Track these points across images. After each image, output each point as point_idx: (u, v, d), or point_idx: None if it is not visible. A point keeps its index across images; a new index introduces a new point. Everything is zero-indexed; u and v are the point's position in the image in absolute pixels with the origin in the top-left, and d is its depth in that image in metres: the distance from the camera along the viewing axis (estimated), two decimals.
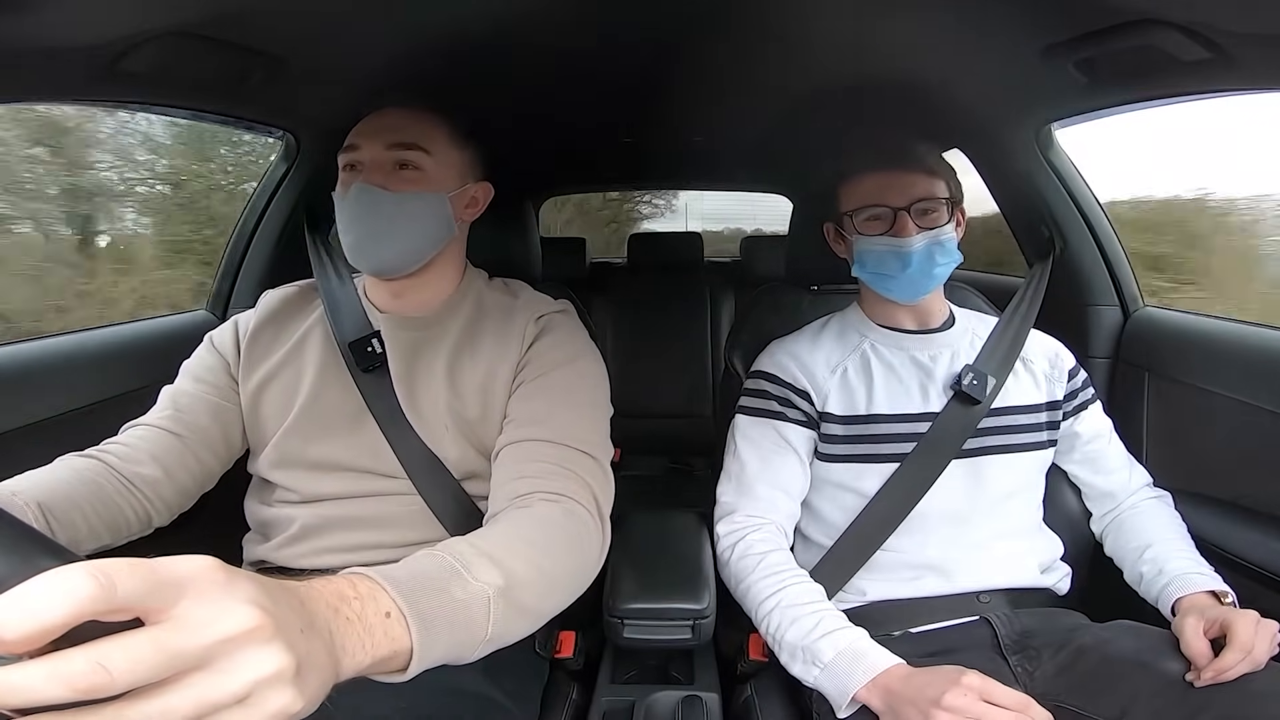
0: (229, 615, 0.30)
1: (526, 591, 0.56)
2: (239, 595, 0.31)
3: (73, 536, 0.68)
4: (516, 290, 0.94)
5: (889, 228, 0.91)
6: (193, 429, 0.83)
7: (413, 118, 0.83)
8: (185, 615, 0.29)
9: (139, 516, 0.77)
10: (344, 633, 0.39)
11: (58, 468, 0.74)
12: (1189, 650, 0.72)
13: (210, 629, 0.29)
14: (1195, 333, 1.14)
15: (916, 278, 0.91)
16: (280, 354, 0.87)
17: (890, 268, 0.92)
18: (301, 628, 0.34)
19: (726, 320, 2.21)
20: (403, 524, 0.81)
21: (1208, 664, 0.70)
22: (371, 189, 0.80)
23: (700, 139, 1.72)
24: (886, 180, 0.91)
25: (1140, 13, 0.73)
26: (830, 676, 0.74)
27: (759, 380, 0.99)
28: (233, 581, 0.31)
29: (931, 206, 0.90)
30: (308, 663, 0.33)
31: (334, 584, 0.41)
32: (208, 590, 0.30)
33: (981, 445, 0.92)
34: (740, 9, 0.83)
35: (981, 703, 0.65)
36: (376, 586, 0.43)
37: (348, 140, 0.84)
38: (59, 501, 0.69)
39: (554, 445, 0.74)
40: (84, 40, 0.70)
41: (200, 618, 0.29)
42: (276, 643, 0.31)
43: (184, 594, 0.29)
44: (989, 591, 0.89)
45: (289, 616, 0.33)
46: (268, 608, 0.31)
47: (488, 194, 0.91)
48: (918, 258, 0.90)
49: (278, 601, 0.33)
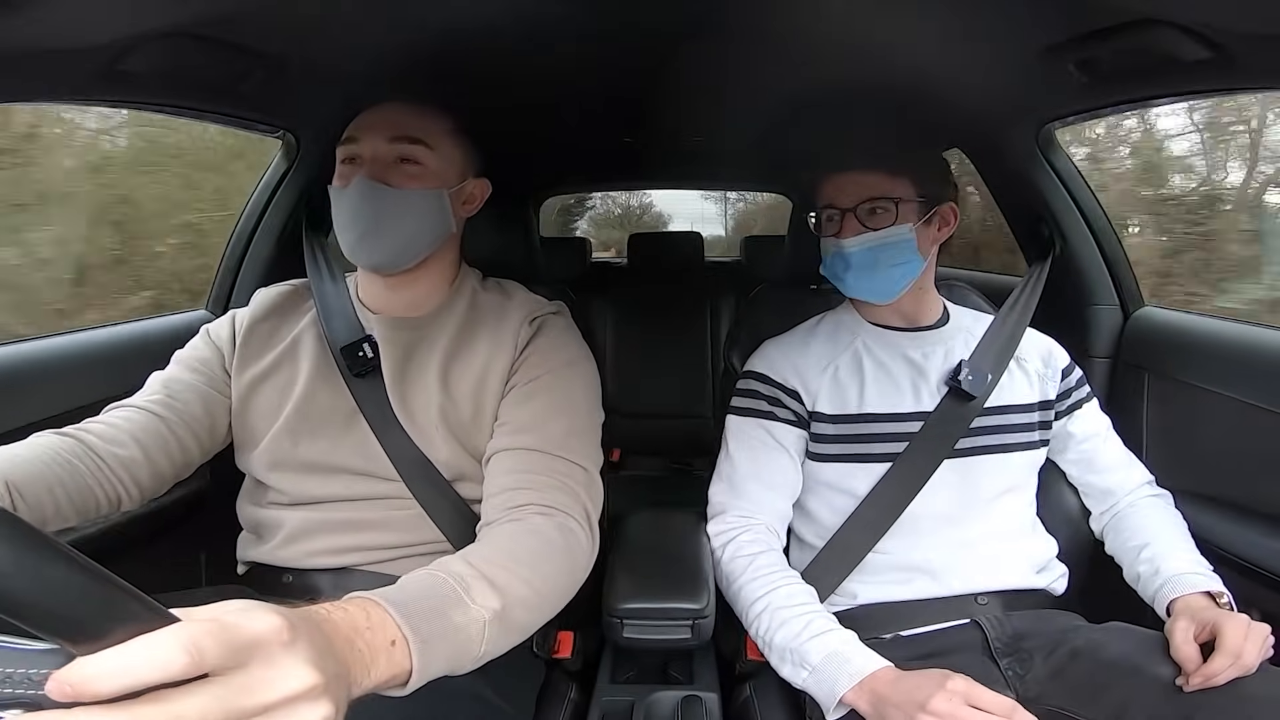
0: (292, 677, 0.33)
1: (519, 611, 0.59)
2: (300, 656, 0.34)
3: (39, 516, 0.68)
4: (510, 290, 0.93)
5: (838, 229, 0.92)
6: (180, 414, 0.82)
7: (414, 112, 0.83)
8: (254, 676, 0.32)
9: (109, 498, 0.75)
10: (356, 663, 0.41)
11: (32, 444, 0.72)
12: (1177, 655, 0.72)
13: (274, 690, 0.33)
14: (1195, 333, 1.14)
15: (862, 278, 0.92)
16: (274, 353, 0.87)
17: (839, 268, 0.94)
18: (339, 674, 0.38)
19: (726, 320, 2.21)
20: (395, 526, 0.81)
21: (1196, 669, 0.70)
22: (373, 184, 0.79)
23: (700, 139, 1.71)
24: (840, 181, 0.93)
25: (1140, 13, 0.73)
26: (818, 679, 0.74)
27: (749, 380, 0.99)
28: (295, 643, 0.34)
29: (881, 207, 0.90)
30: (340, 704, 0.37)
31: (350, 615, 0.43)
32: (275, 653, 0.33)
33: (974, 445, 0.92)
34: (740, 9, 0.83)
35: (967, 707, 0.65)
36: (386, 616, 0.46)
37: (347, 133, 0.83)
38: (29, 481, 0.68)
39: (546, 456, 0.75)
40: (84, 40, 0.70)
41: (266, 678, 0.32)
42: (326, 697, 0.35)
43: (254, 655, 0.32)
44: (982, 593, 0.89)
45: (333, 668, 0.37)
46: (321, 667, 0.35)
47: (485, 191, 0.91)
48: (857, 259, 0.91)
49: (325, 656, 0.36)
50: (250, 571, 0.86)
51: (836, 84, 1.12)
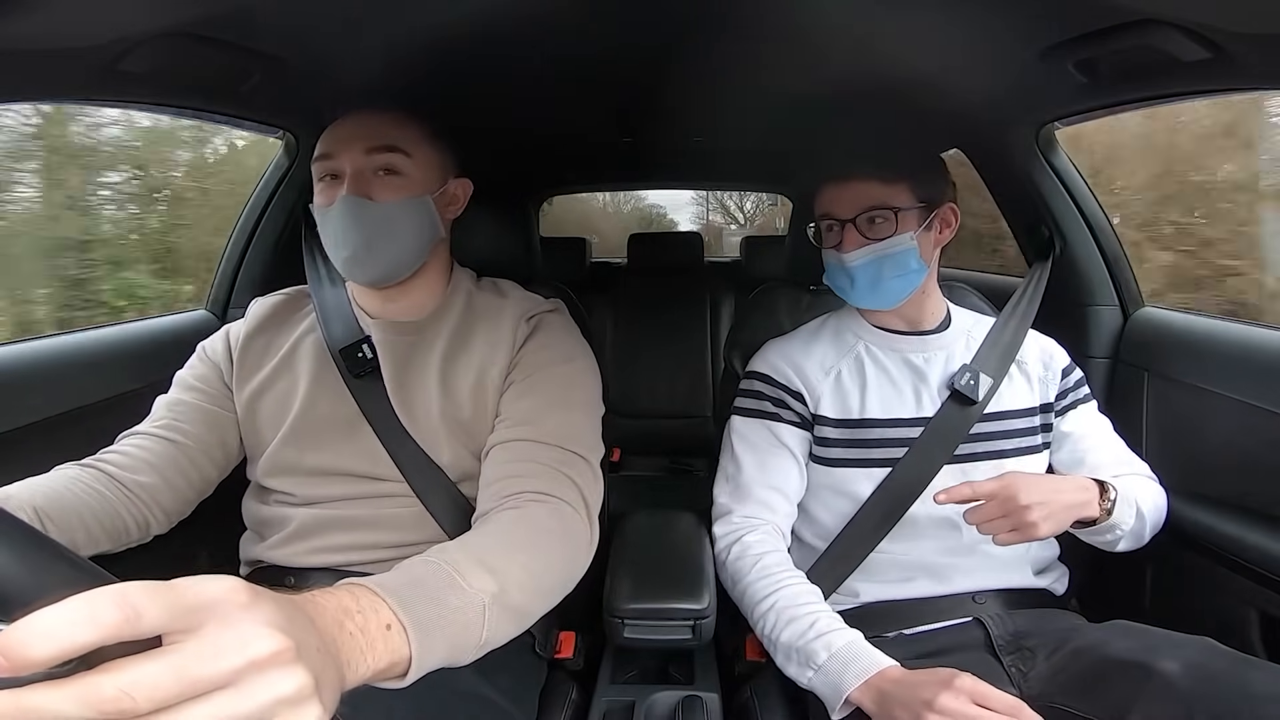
0: (253, 640, 0.30)
1: (518, 595, 0.57)
2: (261, 619, 0.31)
3: (71, 540, 0.68)
4: (506, 290, 0.93)
5: (838, 241, 0.91)
6: (190, 437, 0.83)
7: (389, 120, 0.82)
8: (209, 639, 0.29)
9: (138, 524, 0.77)
10: (349, 647, 0.40)
11: (54, 476, 0.74)
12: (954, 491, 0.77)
13: (235, 654, 0.30)
14: (1195, 333, 1.14)
15: (866, 291, 0.92)
16: (273, 363, 0.86)
17: (841, 281, 0.93)
18: (317, 647, 0.35)
19: (726, 320, 2.21)
20: (400, 526, 0.81)
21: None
22: (357, 200, 0.78)
23: (700, 139, 1.72)
24: (838, 190, 0.92)
25: (1140, 13, 0.73)
26: (824, 678, 0.74)
27: (753, 381, 0.99)
28: (255, 604, 0.31)
29: (880, 216, 0.89)
30: (323, 680, 0.34)
31: (336, 597, 0.42)
32: (231, 614, 0.30)
33: (974, 450, 0.92)
34: (740, 9, 0.83)
35: (973, 705, 0.65)
36: (377, 599, 0.44)
37: (320, 149, 0.81)
38: (57, 508, 0.69)
39: (544, 446, 0.75)
40: (84, 40, 0.70)
41: (224, 642, 0.30)
42: (298, 665, 0.32)
43: (208, 617, 0.30)
44: (983, 592, 0.89)
45: (306, 637, 0.34)
46: (289, 630, 0.32)
47: (467, 190, 0.91)
48: (860, 273, 0.90)
49: (295, 622, 0.33)
50: (252, 574, 0.86)
51: (836, 84, 1.12)
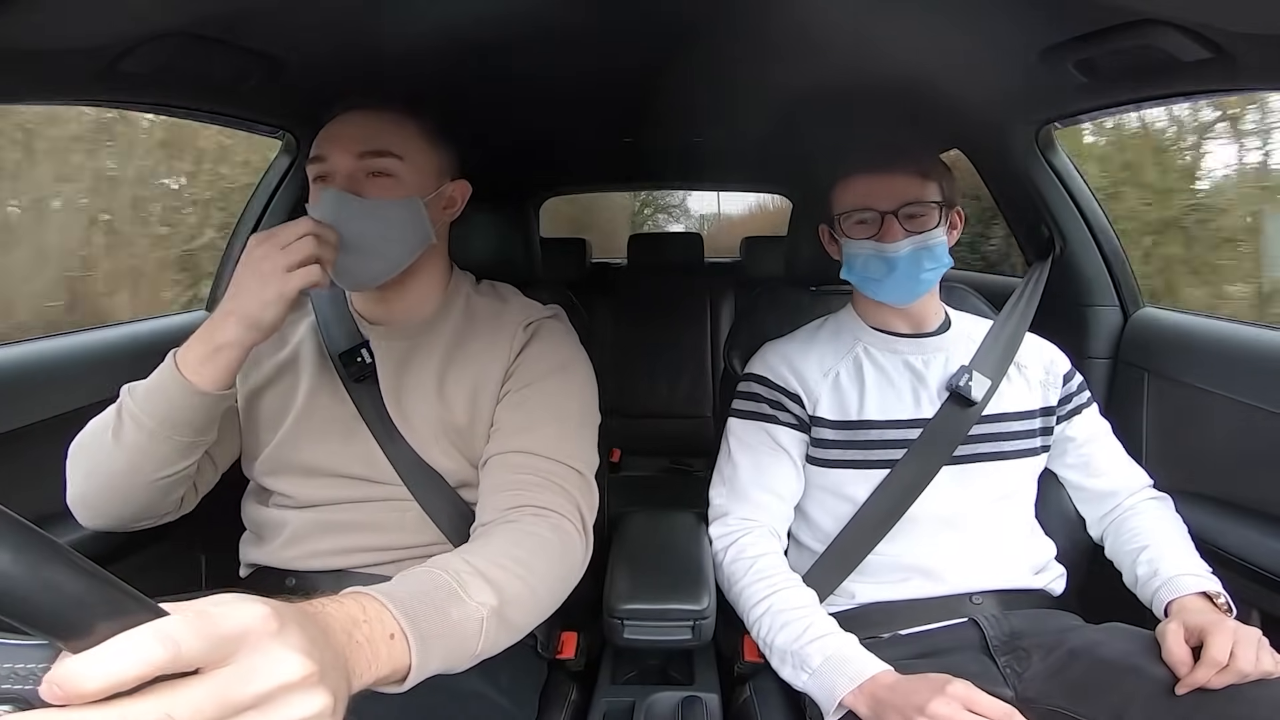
0: (282, 665, 0.33)
1: (516, 609, 0.59)
2: (290, 644, 0.34)
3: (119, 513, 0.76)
4: (505, 295, 0.92)
5: (876, 232, 0.90)
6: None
7: (383, 121, 0.80)
8: (242, 666, 0.32)
9: (182, 496, 0.80)
10: (356, 655, 0.41)
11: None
12: (1169, 658, 0.72)
13: (266, 679, 0.32)
14: (1195, 333, 1.14)
15: (902, 282, 0.91)
16: (275, 362, 0.86)
17: (876, 272, 0.91)
18: (335, 665, 0.37)
19: (726, 320, 2.21)
20: (399, 528, 0.81)
21: (1187, 673, 0.70)
22: (344, 196, 0.76)
23: (700, 139, 1.72)
24: (875, 183, 0.90)
25: (1140, 13, 0.73)
26: (818, 682, 0.75)
27: (751, 383, 0.99)
28: (284, 631, 0.34)
29: (920, 210, 0.89)
30: (338, 694, 0.36)
31: (345, 608, 0.43)
32: (263, 642, 0.33)
33: (973, 452, 0.92)
34: (740, 9, 0.83)
35: (965, 711, 0.65)
36: (383, 609, 0.45)
37: (314, 150, 0.80)
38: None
39: (540, 459, 0.75)
40: (84, 40, 0.70)
41: (256, 667, 0.32)
42: (321, 687, 0.35)
43: (241, 646, 0.32)
44: (979, 593, 0.89)
45: (328, 658, 0.37)
46: (313, 654, 0.35)
47: (465, 193, 0.88)
48: (903, 263, 0.89)
49: (317, 644, 0.36)
50: (252, 575, 0.86)
51: (836, 84, 1.12)
